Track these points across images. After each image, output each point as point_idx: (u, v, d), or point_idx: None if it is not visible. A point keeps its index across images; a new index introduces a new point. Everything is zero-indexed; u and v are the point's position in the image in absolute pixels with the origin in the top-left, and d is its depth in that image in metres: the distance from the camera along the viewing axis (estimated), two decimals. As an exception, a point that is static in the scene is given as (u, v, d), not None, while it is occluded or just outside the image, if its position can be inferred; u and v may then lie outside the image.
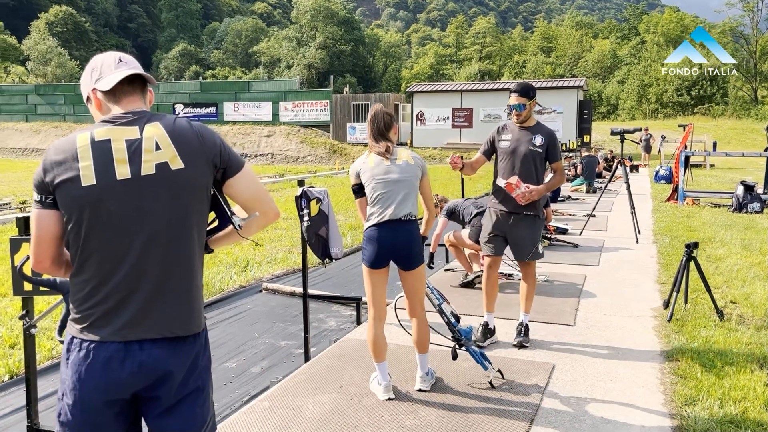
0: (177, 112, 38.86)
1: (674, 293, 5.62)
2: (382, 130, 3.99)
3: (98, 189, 1.83)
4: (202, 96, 39.20)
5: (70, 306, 1.93)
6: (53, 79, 65.33)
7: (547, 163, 4.96)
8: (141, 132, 1.89)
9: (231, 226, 2.07)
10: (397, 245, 3.87)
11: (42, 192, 1.88)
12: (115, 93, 1.97)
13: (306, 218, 4.64)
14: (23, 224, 2.87)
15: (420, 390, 4.04)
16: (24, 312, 2.91)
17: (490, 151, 4.99)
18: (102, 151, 1.85)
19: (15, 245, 2.80)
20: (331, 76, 46.07)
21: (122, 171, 1.85)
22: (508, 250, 5.04)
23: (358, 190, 4.04)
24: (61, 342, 1.98)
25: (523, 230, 4.84)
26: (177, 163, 1.89)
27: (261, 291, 7.33)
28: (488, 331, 5.00)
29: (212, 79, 67.91)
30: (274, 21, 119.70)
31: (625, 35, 76.91)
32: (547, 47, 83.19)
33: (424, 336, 4.05)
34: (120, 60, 2.00)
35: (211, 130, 2.03)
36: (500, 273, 7.06)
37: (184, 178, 1.90)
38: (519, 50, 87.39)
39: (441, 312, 4.25)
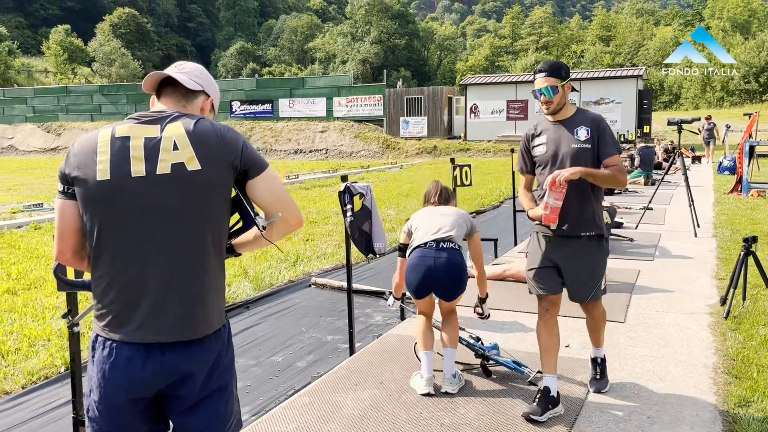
0: (234, 110, 39.62)
1: (731, 289, 5.41)
2: (431, 199, 4.40)
3: (111, 184, 1.85)
4: (257, 93, 39.79)
5: (94, 302, 1.96)
6: (117, 79, 67.52)
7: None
8: (162, 131, 1.90)
9: (256, 229, 2.04)
10: (438, 272, 3.95)
11: (64, 183, 1.92)
12: (160, 95, 2.05)
13: (349, 213, 4.66)
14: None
15: (447, 393, 3.94)
16: (67, 310, 3.01)
17: (531, 164, 3.81)
18: (120, 147, 1.87)
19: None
20: (385, 71, 46.07)
21: (137, 168, 1.86)
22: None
23: (404, 248, 4.22)
24: None
25: (581, 260, 3.64)
26: (194, 165, 1.87)
27: (310, 285, 7.40)
28: (549, 401, 3.60)
29: (268, 76, 68.92)
30: (329, 17, 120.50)
31: (688, 21, 74.36)
32: (606, 36, 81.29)
33: (453, 330, 4.10)
34: (174, 66, 2.09)
35: (236, 132, 2.01)
36: None
37: (200, 179, 1.88)
38: (577, 40, 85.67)
39: (459, 339, 4.24)
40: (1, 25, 70.53)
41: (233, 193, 2.01)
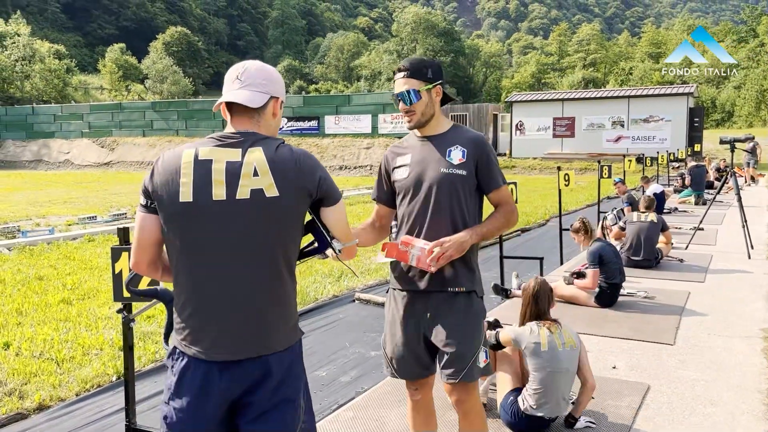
0: (281, 126, 40.17)
1: (787, 313, 5.25)
2: (543, 311, 3.79)
3: (193, 206, 1.91)
4: (304, 110, 40.34)
5: (174, 313, 2.04)
6: (168, 95, 69.30)
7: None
8: (243, 155, 1.94)
9: (330, 251, 2.09)
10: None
11: (147, 197, 1.99)
12: (230, 108, 2.05)
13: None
14: (123, 235, 3.08)
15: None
16: (122, 306, 3.13)
17: (390, 192, 2.92)
18: (203, 170, 1.93)
19: (116, 255, 3.00)
20: (430, 88, 46.15)
21: (218, 192, 1.91)
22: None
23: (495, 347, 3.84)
24: (167, 349, 2.09)
25: (447, 324, 2.70)
26: (272, 191, 1.92)
27: (353, 301, 7.44)
28: None
29: (315, 93, 69.78)
30: (375, 35, 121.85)
31: (742, 38, 72.51)
32: (656, 53, 79.94)
33: None
34: (237, 77, 2.04)
35: (314, 159, 2.02)
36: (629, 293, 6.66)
37: (278, 206, 1.93)
38: (625, 57, 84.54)
39: None
40: (61, 44, 73.26)
41: (308, 217, 2.06)
